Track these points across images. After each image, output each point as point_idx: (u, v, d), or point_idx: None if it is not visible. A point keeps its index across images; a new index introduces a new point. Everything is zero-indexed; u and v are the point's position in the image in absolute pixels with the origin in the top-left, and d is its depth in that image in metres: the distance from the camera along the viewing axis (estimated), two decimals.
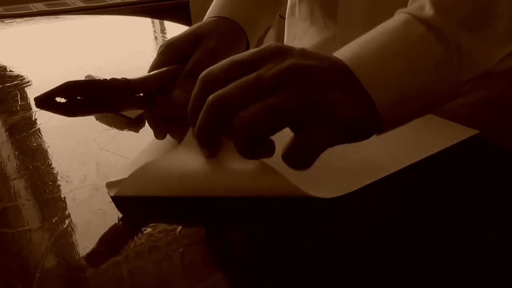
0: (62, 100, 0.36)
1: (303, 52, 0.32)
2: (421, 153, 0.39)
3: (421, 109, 0.35)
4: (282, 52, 0.32)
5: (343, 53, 0.34)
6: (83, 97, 0.37)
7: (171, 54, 0.45)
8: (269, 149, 0.32)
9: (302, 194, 0.34)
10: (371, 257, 0.30)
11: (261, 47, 0.33)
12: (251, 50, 0.33)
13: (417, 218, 0.33)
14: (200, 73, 0.37)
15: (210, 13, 0.52)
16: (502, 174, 0.39)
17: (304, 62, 0.31)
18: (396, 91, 0.32)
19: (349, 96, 0.31)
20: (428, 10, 0.34)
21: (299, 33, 0.71)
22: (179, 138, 0.44)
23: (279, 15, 0.91)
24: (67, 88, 0.36)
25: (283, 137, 0.32)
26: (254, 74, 0.31)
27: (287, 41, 0.76)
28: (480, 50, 0.34)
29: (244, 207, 0.35)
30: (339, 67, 0.32)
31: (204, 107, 0.32)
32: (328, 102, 0.30)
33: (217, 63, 0.39)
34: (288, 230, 0.33)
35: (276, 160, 0.33)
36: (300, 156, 0.31)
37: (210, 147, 0.35)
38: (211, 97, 0.31)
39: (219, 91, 0.31)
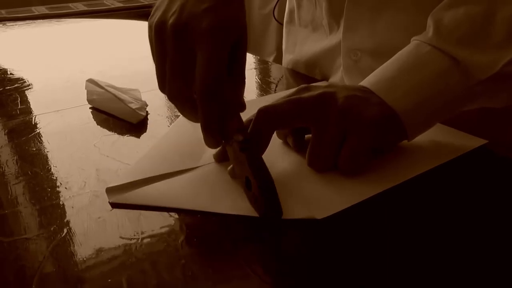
0: None
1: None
2: (432, 162, 0.39)
3: (441, 111, 0.40)
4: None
5: (367, 80, 0.41)
6: None
7: None
8: None
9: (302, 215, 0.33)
10: (373, 262, 0.29)
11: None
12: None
13: (419, 224, 0.33)
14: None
15: None
16: (502, 180, 0.39)
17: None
18: (413, 100, 0.38)
19: (373, 106, 0.38)
20: (431, 35, 0.40)
21: (300, 39, 0.70)
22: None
23: (277, 21, 0.88)
24: None
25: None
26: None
27: (286, 47, 0.75)
28: (479, 60, 0.39)
29: (247, 217, 0.34)
30: (362, 92, 0.39)
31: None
32: (358, 110, 0.37)
33: None
34: (291, 237, 0.32)
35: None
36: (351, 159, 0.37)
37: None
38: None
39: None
